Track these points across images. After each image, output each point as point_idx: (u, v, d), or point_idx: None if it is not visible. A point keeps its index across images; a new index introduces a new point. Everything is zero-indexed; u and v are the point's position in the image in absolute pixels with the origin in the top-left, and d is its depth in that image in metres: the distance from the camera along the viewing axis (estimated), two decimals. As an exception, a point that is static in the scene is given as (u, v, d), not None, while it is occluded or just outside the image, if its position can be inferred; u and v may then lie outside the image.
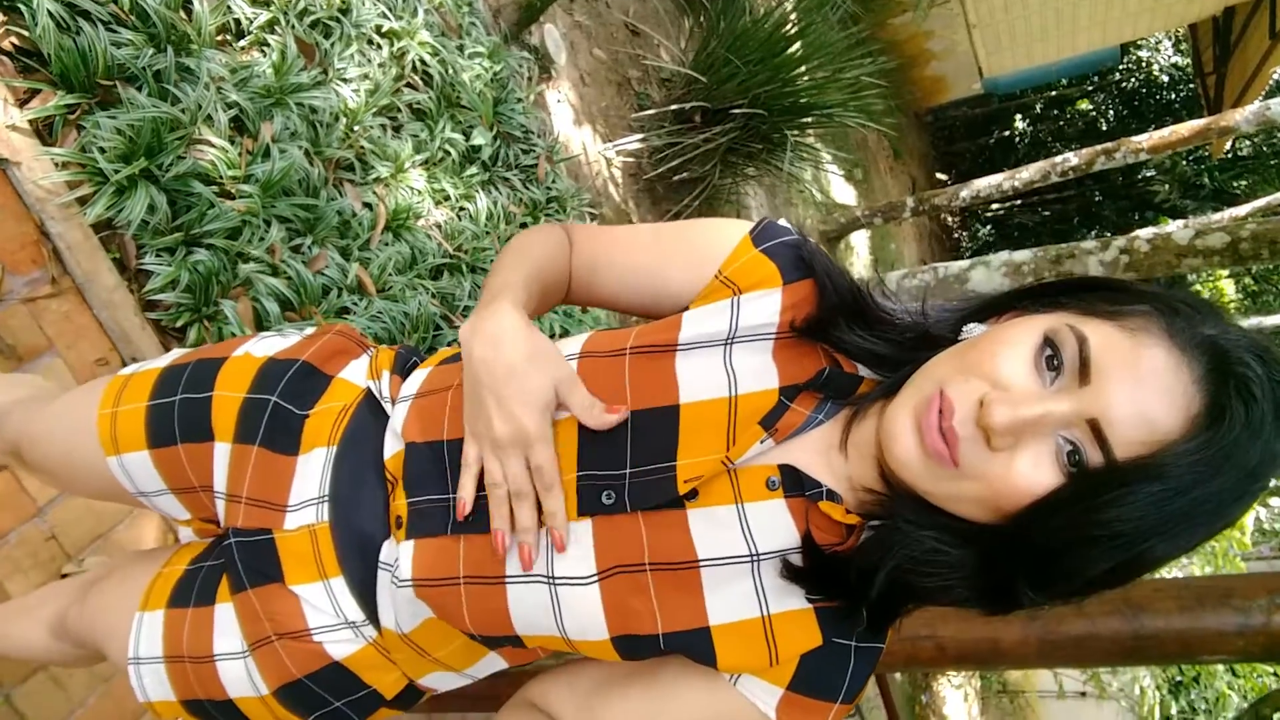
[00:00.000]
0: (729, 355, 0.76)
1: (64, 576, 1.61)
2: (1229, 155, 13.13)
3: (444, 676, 0.89)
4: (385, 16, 2.42)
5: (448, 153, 2.64)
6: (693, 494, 0.72)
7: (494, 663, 0.89)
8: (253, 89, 1.97)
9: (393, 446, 0.84)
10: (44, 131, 1.65)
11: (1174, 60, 14.23)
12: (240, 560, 0.85)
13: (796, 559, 0.70)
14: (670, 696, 0.74)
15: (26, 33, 1.59)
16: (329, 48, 2.21)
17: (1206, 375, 0.58)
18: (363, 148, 2.33)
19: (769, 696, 0.71)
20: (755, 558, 0.71)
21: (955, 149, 15.62)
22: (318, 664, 0.84)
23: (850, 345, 0.75)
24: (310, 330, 1.02)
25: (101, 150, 1.67)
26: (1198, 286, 12.97)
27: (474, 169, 2.74)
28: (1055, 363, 0.62)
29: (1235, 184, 13.07)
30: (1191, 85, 13.29)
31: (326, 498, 0.84)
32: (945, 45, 10.03)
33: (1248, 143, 13.42)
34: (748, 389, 0.74)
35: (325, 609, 0.83)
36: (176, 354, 1.00)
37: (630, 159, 4.02)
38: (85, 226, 1.68)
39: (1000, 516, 0.63)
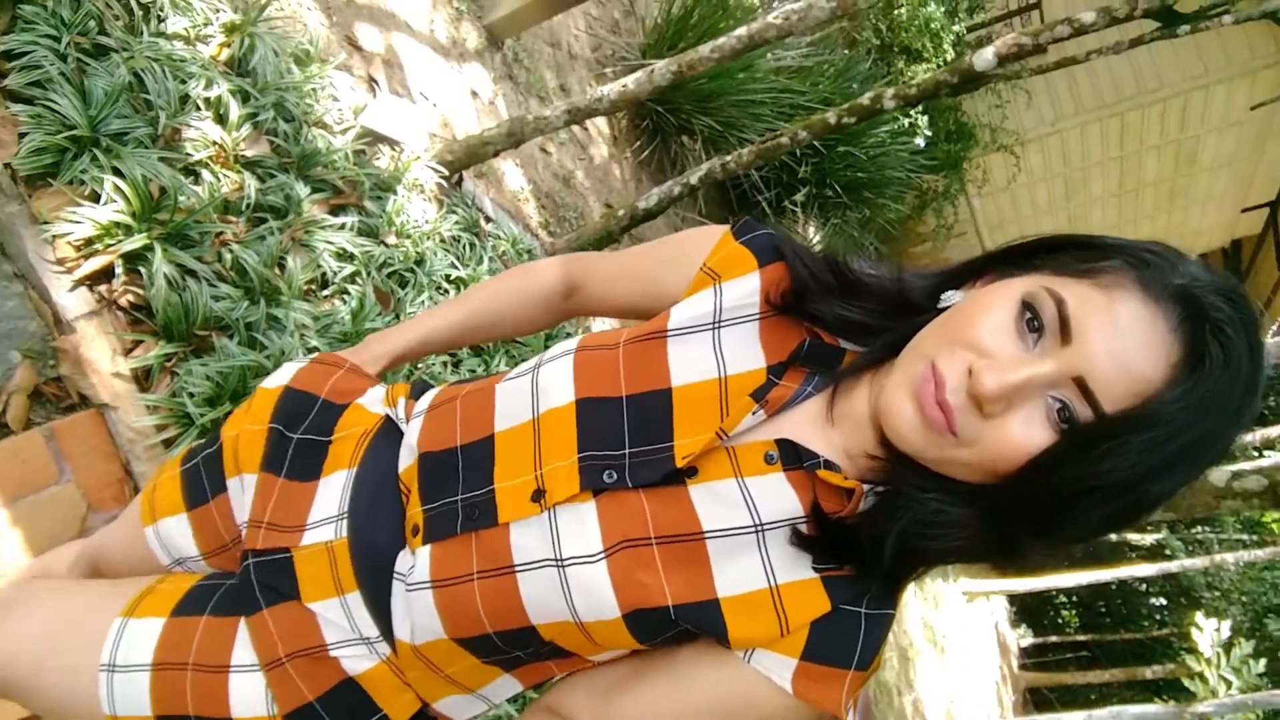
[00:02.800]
0: (717, 340, 0.80)
1: None
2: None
3: (458, 701, 0.87)
4: (454, 266, 2.63)
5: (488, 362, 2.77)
6: (692, 471, 0.74)
7: (508, 685, 0.87)
8: (332, 334, 2.13)
9: (406, 460, 0.87)
10: (142, 379, 1.78)
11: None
12: (257, 579, 0.86)
13: (804, 528, 0.72)
14: (686, 683, 0.74)
15: (142, 290, 1.76)
16: (403, 295, 2.40)
17: (1182, 324, 0.60)
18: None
19: (784, 669, 0.70)
20: (759, 528, 0.72)
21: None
22: (331, 681, 0.83)
23: (828, 316, 0.78)
24: (311, 358, 1.05)
25: (190, 395, 1.78)
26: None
27: (525, 400, 2.86)
28: (1036, 325, 0.65)
29: (1265, 404, 13.11)
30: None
31: (345, 514, 0.86)
32: (964, 272, 10.49)
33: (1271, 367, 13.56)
34: (736, 370, 0.78)
35: (341, 624, 0.84)
36: None
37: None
38: (167, 465, 1.77)
39: (999, 477, 0.65)
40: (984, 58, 2.81)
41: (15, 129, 1.63)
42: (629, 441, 0.76)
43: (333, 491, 0.89)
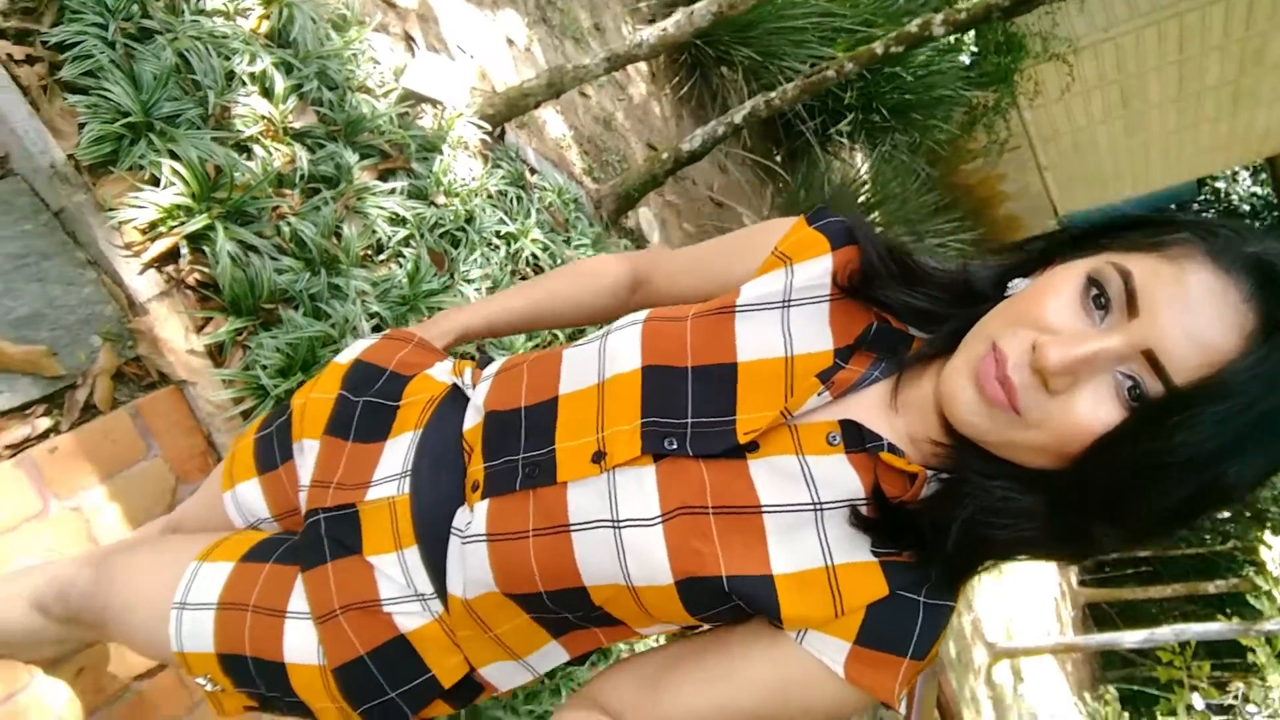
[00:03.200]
0: (786, 319, 0.80)
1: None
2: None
3: (504, 667, 0.89)
4: (503, 221, 2.64)
5: (556, 336, 2.80)
6: (753, 446, 0.74)
7: (555, 653, 0.88)
8: (391, 299, 2.17)
9: (472, 419, 0.89)
10: (215, 354, 1.85)
11: (1253, 190, 14.09)
12: (327, 534, 0.89)
13: (864, 509, 0.71)
14: (736, 666, 0.73)
15: (208, 269, 1.81)
16: (456, 254, 2.42)
17: (1256, 292, 0.58)
18: (480, 342, 2.50)
19: (837, 653, 0.70)
20: (818, 506, 0.72)
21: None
22: (383, 637, 0.85)
23: (895, 302, 0.77)
24: (382, 335, 1.10)
25: (263, 367, 1.84)
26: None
27: (579, 351, 2.89)
28: (1102, 301, 0.63)
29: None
30: (1275, 213, 13.10)
31: (408, 472, 0.88)
32: (1019, 186, 10.20)
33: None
34: (803, 350, 0.77)
35: (397, 579, 0.85)
36: None
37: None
38: (245, 436, 1.84)
39: (1067, 459, 0.63)
40: (1037, -27, 2.68)
41: (74, 120, 1.66)
42: (692, 411, 0.76)
43: (398, 451, 0.92)
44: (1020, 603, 9.22)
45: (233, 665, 0.89)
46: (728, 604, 0.73)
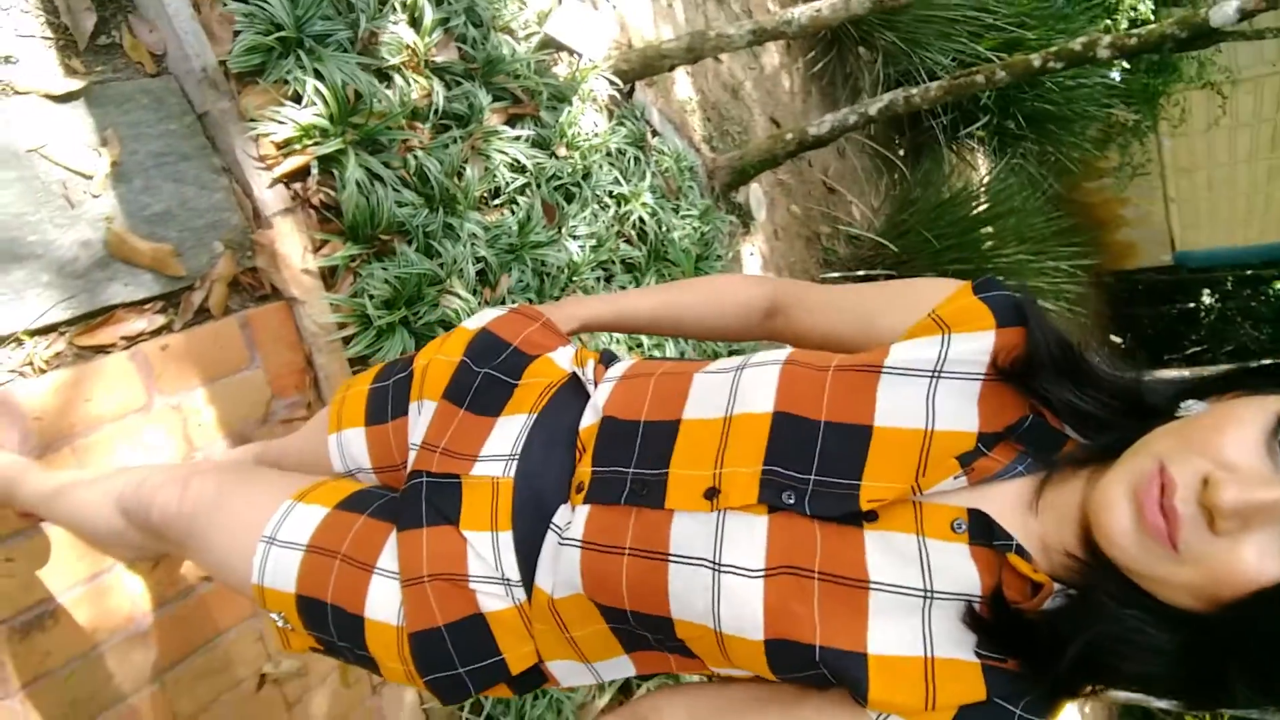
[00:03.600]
0: (933, 390, 0.75)
1: (262, 678, 1.75)
2: None
3: (572, 667, 0.88)
4: (618, 182, 2.61)
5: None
6: (872, 515, 0.71)
7: (623, 665, 0.87)
8: (500, 246, 2.17)
9: (590, 419, 0.88)
10: (327, 276, 1.87)
11: (1396, 256, 13.15)
12: (427, 498, 0.89)
13: (978, 608, 0.68)
14: None
15: (333, 192, 1.83)
16: (567, 209, 2.40)
17: None
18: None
19: None
20: (929, 594, 0.69)
21: (1135, 313, 14.91)
22: (463, 611, 0.85)
23: (1056, 399, 0.73)
24: (511, 308, 1.08)
25: (370, 297, 1.87)
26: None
27: (670, 322, 2.87)
28: None
29: None
30: None
31: (516, 456, 0.88)
32: (1140, 214, 9.72)
33: None
34: (945, 427, 0.73)
35: (488, 559, 0.85)
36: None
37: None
38: (344, 360, 1.88)
39: (1215, 605, 0.60)
40: (1223, 12, 2.47)
41: (231, 27, 1.68)
42: (817, 469, 0.73)
43: (510, 431, 0.91)
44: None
45: (309, 608, 0.90)
46: (812, 671, 0.70)
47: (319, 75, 1.72)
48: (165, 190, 1.62)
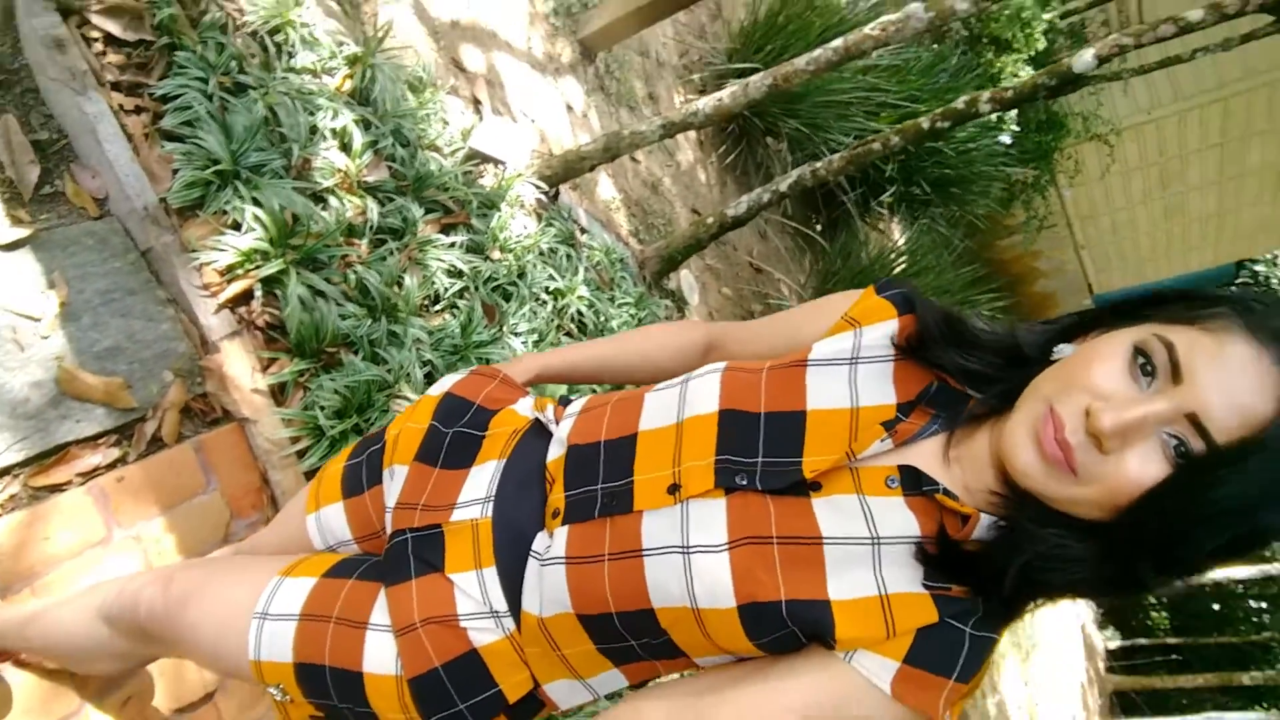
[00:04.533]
0: (853, 374, 0.87)
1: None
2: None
3: (567, 686, 0.93)
4: (552, 278, 2.72)
5: (594, 391, 2.86)
6: (816, 486, 0.80)
7: (615, 679, 0.92)
8: (444, 348, 2.24)
9: (555, 452, 0.95)
10: (277, 393, 1.92)
11: (1293, 276, 13.98)
12: (413, 553, 0.94)
13: (925, 546, 0.76)
14: (783, 681, 0.76)
15: (277, 311, 1.89)
16: (507, 308, 2.50)
17: None
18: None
19: (884, 671, 0.73)
20: (876, 541, 0.77)
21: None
22: (458, 650, 0.90)
23: (950, 365, 0.85)
24: (470, 370, 1.17)
25: (321, 408, 1.91)
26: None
27: (619, 407, 2.94)
28: (1148, 369, 0.70)
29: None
30: (1316, 302, 12.96)
31: (492, 497, 0.95)
32: (1054, 264, 10.21)
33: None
34: (868, 403, 0.84)
35: (475, 596, 0.90)
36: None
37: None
38: (299, 474, 1.90)
39: (1117, 511, 0.69)
40: (1083, 60, 2.75)
41: (169, 166, 1.77)
42: (763, 452, 0.83)
43: (483, 477, 0.98)
44: (1046, 688, 8.98)
45: (308, 674, 0.94)
46: (784, 630, 0.77)
47: (257, 203, 1.81)
48: (113, 325, 1.67)
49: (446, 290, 2.33)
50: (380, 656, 0.92)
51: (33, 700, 1.40)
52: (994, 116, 5.78)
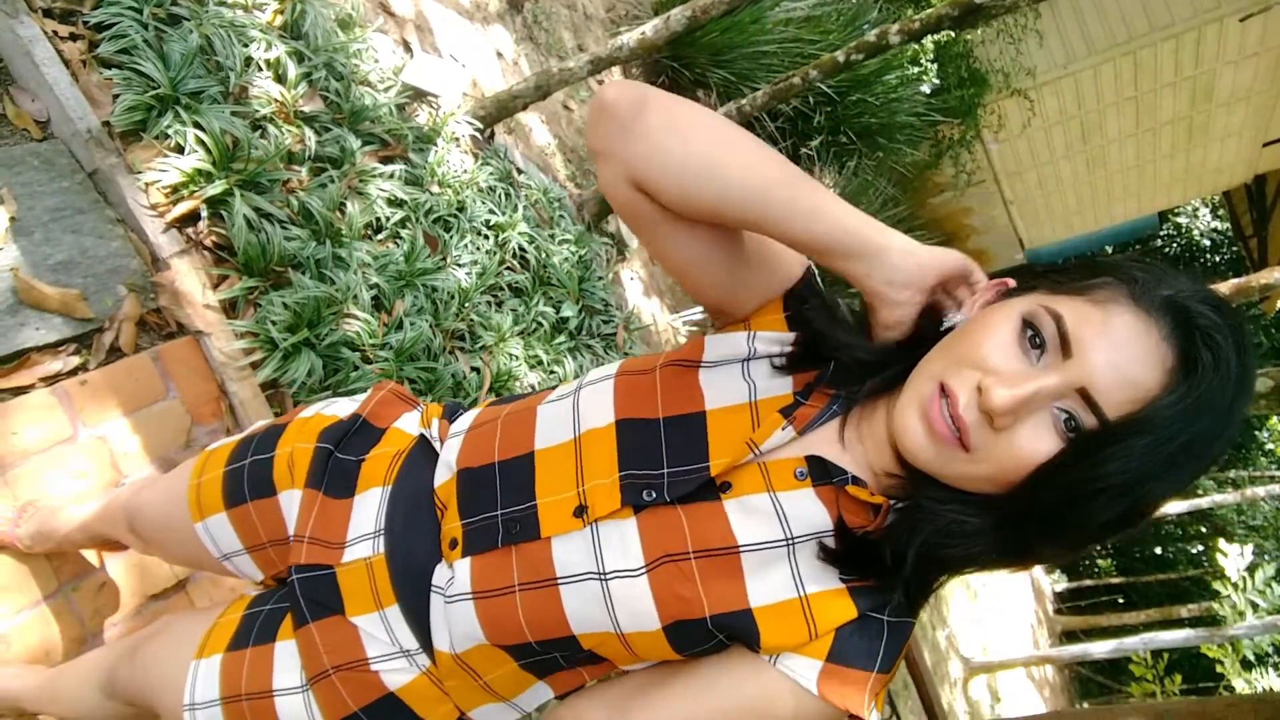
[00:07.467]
0: (747, 370, 0.85)
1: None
2: (1284, 313, 13.16)
3: (494, 710, 0.92)
4: (492, 213, 2.83)
5: (540, 324, 2.98)
6: (726, 486, 0.78)
7: (541, 692, 0.91)
8: (389, 273, 2.34)
9: (443, 476, 0.92)
10: (229, 309, 2.01)
11: (1213, 225, 14.60)
12: (303, 595, 0.91)
13: (831, 542, 0.76)
14: (711, 683, 0.77)
15: (225, 232, 1.98)
16: (448, 239, 2.60)
17: (1173, 332, 0.65)
18: (472, 320, 2.67)
19: (809, 670, 0.73)
20: (790, 541, 0.76)
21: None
22: (373, 695, 0.88)
23: (844, 359, 0.82)
24: (364, 394, 1.13)
25: (273, 323, 2.00)
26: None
27: (562, 337, 3.07)
28: (1037, 341, 0.69)
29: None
30: (1234, 248, 13.58)
31: (382, 531, 0.91)
32: (985, 220, 10.52)
33: (1302, 299, 13.45)
34: (766, 395, 0.83)
35: (382, 638, 0.88)
36: (256, 425, 1.14)
37: (695, 327, 4.35)
38: (255, 386, 1.99)
39: (1010, 486, 0.69)
40: (981, -12, 2.94)
41: (110, 91, 1.84)
42: (667, 461, 0.80)
43: (369, 508, 0.94)
44: (997, 629, 9.34)
45: None
46: (713, 640, 0.78)
47: (199, 126, 1.90)
48: (65, 241, 1.74)
49: (388, 220, 2.43)
50: (295, 716, 0.91)
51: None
52: (915, 70, 6.01)
